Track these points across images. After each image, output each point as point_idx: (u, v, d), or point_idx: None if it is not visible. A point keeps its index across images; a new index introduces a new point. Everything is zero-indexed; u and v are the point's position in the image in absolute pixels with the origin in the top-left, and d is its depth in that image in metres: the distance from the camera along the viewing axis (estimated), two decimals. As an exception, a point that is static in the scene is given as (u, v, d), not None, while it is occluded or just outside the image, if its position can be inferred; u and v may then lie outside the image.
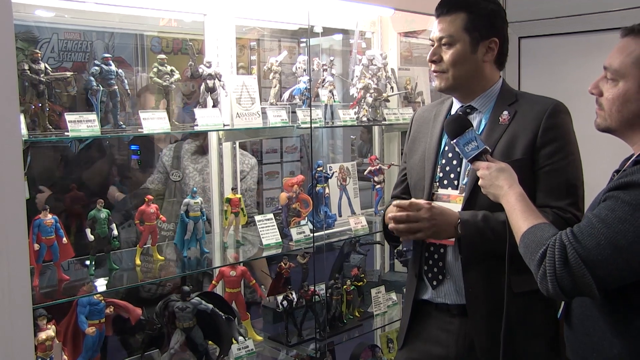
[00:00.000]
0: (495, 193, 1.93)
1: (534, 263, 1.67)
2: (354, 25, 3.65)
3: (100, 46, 5.76)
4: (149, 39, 5.85)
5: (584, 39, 3.86)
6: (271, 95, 3.03)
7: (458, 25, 2.18)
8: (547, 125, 2.10)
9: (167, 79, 2.62)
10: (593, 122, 1.88)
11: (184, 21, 3.41)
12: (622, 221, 1.56)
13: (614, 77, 1.74)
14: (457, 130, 2.01)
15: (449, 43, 2.19)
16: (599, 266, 1.56)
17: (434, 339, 2.28)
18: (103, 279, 2.44)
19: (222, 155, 3.08)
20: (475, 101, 2.26)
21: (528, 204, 1.84)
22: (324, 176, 3.17)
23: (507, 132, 2.14)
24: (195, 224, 2.69)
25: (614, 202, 1.61)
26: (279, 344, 3.04)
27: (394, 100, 3.60)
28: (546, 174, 2.08)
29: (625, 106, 1.72)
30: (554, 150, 2.09)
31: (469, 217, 2.09)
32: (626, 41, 1.75)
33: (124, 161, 4.65)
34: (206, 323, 2.58)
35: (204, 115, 2.67)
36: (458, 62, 2.19)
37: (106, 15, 3.08)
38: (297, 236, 2.95)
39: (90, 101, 2.38)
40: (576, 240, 1.59)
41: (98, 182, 3.93)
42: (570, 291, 1.60)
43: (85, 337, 2.40)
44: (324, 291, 3.14)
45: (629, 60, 1.70)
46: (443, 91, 2.30)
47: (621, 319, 1.70)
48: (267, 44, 6.02)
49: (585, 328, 1.81)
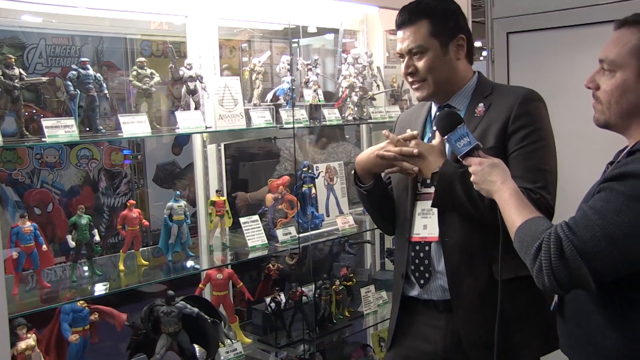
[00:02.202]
0: (488, 189, 1.91)
1: (529, 257, 1.65)
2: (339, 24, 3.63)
3: (89, 51, 5.75)
4: (138, 43, 5.84)
5: (572, 32, 3.85)
6: (254, 96, 3.01)
7: (424, 33, 2.17)
8: (518, 113, 2.10)
9: (147, 82, 2.60)
10: (582, 116, 1.87)
11: (174, 24, 3.38)
12: (617, 212, 1.54)
13: (611, 68, 1.72)
14: (448, 126, 1.98)
15: (420, 52, 2.18)
16: (595, 258, 1.54)
17: (422, 336, 2.28)
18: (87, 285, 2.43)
19: (207, 157, 3.05)
20: (452, 100, 2.26)
21: (522, 198, 1.82)
22: (310, 176, 3.15)
23: (482, 123, 2.15)
24: (179, 227, 2.68)
25: (608, 193, 1.59)
26: (268, 346, 3.02)
27: (380, 98, 3.58)
28: (516, 158, 2.07)
29: (624, 96, 1.70)
30: (523, 135, 2.08)
31: (450, 168, 2.08)
32: (621, 32, 1.73)
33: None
34: (192, 327, 2.56)
35: (185, 117, 2.65)
36: (433, 67, 2.18)
37: (94, 20, 3.05)
38: (283, 237, 2.93)
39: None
40: (572, 232, 1.57)
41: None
42: (567, 284, 1.58)
43: (69, 345, 2.38)
44: (313, 292, 3.13)
45: (625, 50, 1.69)
46: (426, 99, 2.29)
47: (615, 311, 1.68)
48: (258, 45, 6.00)
49: (578, 320, 1.80)
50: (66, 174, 5.73)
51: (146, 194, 6.27)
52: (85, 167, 5.87)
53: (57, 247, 4.73)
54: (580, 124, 3.18)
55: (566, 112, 3.60)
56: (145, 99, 2.62)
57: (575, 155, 3.48)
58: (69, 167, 5.74)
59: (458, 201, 2.06)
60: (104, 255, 2.87)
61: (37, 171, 5.53)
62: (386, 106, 3.55)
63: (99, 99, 2.47)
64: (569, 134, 3.62)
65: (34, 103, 5.17)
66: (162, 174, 6.43)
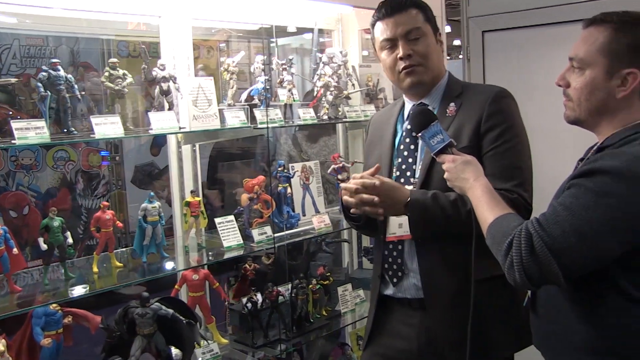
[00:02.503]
0: (461, 186, 1.93)
1: (501, 253, 1.66)
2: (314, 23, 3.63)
3: (65, 51, 5.71)
4: (115, 43, 5.80)
5: (547, 31, 3.88)
6: (229, 96, 3.00)
7: (421, 18, 2.20)
8: (490, 111, 2.11)
9: (119, 83, 2.58)
10: (557, 113, 1.89)
11: (152, 24, 3.35)
12: (586, 208, 1.56)
13: (581, 66, 1.75)
14: (422, 123, 2.00)
15: (418, 35, 2.18)
16: (565, 254, 1.55)
17: (397, 333, 2.29)
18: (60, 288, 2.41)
19: (182, 158, 3.04)
20: (427, 97, 2.26)
21: (494, 195, 1.84)
22: (286, 176, 3.15)
23: (454, 122, 2.16)
24: (153, 228, 2.66)
25: (578, 189, 1.61)
26: (245, 347, 3.01)
27: (356, 97, 3.58)
28: (491, 157, 2.09)
29: (593, 94, 1.73)
30: (497, 134, 2.10)
31: (419, 195, 2.08)
32: (589, 31, 1.76)
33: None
34: (167, 328, 2.55)
35: (159, 118, 2.63)
36: (430, 52, 2.20)
37: (70, 20, 3.02)
38: (259, 237, 2.92)
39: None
40: (542, 229, 1.58)
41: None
42: (538, 280, 1.59)
43: (42, 349, 2.36)
44: (289, 291, 3.12)
45: (594, 48, 1.72)
46: (420, 84, 2.24)
47: (585, 307, 1.70)
48: (235, 45, 5.99)
49: (550, 315, 1.82)
50: (42, 176, 5.69)
51: (124, 195, 6.25)
52: (62, 169, 5.83)
53: (33, 250, 4.70)
54: (555, 121, 3.18)
55: (541, 110, 3.64)
56: (118, 100, 2.60)
57: (548, 152, 3.51)
58: (46, 169, 5.71)
59: (435, 224, 2.05)
60: (82, 257, 2.86)
61: (13, 173, 5.49)
62: (362, 105, 3.55)
63: (70, 100, 2.45)
64: (543, 131, 3.65)
65: (8, 105, 5.13)
66: (140, 175, 6.40)
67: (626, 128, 1.71)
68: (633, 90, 1.69)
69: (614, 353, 1.66)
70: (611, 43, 1.70)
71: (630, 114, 1.72)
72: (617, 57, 1.69)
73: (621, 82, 1.70)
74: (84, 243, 5.51)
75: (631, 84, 1.68)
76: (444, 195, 2.05)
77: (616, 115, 1.73)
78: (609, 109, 1.73)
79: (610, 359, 1.66)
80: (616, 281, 1.63)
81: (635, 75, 1.68)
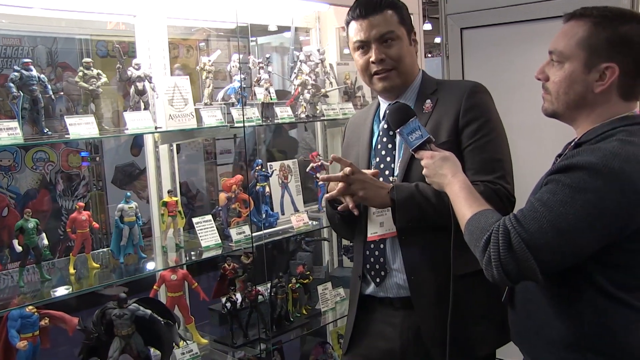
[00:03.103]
0: (440, 182, 1.93)
1: (478, 249, 1.67)
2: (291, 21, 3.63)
3: (43, 52, 5.66)
4: (93, 43, 5.77)
5: (525, 28, 3.91)
6: (205, 95, 2.99)
7: (395, 21, 2.18)
8: (467, 106, 2.12)
9: (93, 83, 2.56)
10: (536, 109, 1.89)
11: (130, 24, 3.32)
12: (563, 204, 1.56)
13: (560, 60, 1.75)
14: (400, 120, 1.99)
15: (391, 39, 2.17)
16: (542, 250, 1.56)
17: (379, 334, 2.27)
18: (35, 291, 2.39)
19: (159, 158, 3.03)
20: (402, 97, 2.26)
21: (472, 191, 1.84)
22: (264, 175, 3.14)
23: (431, 118, 2.16)
24: (130, 229, 2.64)
25: (555, 185, 1.61)
26: (225, 346, 3.01)
27: (334, 95, 3.58)
28: (471, 152, 2.10)
29: (572, 87, 1.73)
30: (475, 128, 2.11)
31: (403, 184, 2.10)
32: (569, 25, 1.76)
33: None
34: (146, 329, 2.54)
35: (134, 118, 2.62)
36: (403, 56, 2.19)
37: (47, 20, 3.00)
38: (237, 237, 2.91)
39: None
40: (519, 225, 1.58)
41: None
42: (515, 276, 1.59)
43: (18, 352, 2.34)
44: (269, 291, 3.12)
45: (573, 42, 1.72)
46: (392, 90, 2.24)
47: (562, 302, 1.71)
48: (215, 44, 5.98)
49: (527, 311, 1.83)
50: (21, 177, 5.65)
51: (105, 196, 6.21)
52: (41, 170, 5.79)
53: (12, 252, 4.65)
54: (534, 117, 3.21)
55: (519, 105, 3.66)
56: (94, 100, 2.59)
57: (527, 148, 3.53)
58: (25, 170, 5.66)
59: (420, 211, 2.05)
60: (62, 258, 2.83)
61: (-9, 175, 5.45)
62: (340, 103, 3.55)
63: (48, 101, 2.43)
64: (522, 127, 3.68)
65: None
66: (121, 175, 6.37)
67: (603, 124, 1.71)
68: (611, 85, 1.69)
69: (591, 348, 1.66)
70: (590, 37, 1.70)
71: (608, 108, 1.72)
72: (596, 51, 1.69)
73: (599, 77, 1.69)
74: (64, 244, 5.48)
75: (609, 78, 1.68)
76: (427, 186, 2.05)
77: (594, 110, 1.74)
78: (587, 103, 1.74)
79: (587, 354, 1.67)
80: (593, 277, 1.64)
81: (613, 69, 1.68)
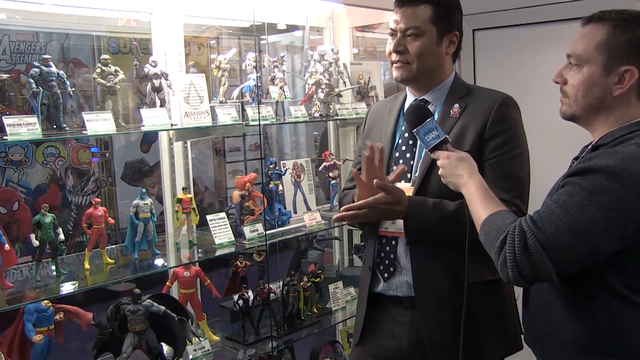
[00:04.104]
0: (455, 182, 1.93)
1: (494, 250, 1.67)
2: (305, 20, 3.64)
3: (55, 47, 5.68)
4: (105, 40, 5.78)
5: (537, 30, 3.89)
6: (220, 93, 3.00)
7: (426, 18, 2.15)
8: (495, 118, 2.10)
9: (111, 80, 2.58)
10: (548, 111, 1.89)
11: (142, 21, 3.34)
12: (579, 206, 1.57)
13: (578, 63, 1.75)
14: (417, 120, 2.00)
15: (416, 34, 2.15)
16: (558, 251, 1.56)
17: (388, 332, 2.28)
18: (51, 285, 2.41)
19: (174, 155, 3.04)
20: (429, 94, 2.25)
21: (488, 192, 1.85)
22: (277, 173, 3.15)
23: (458, 124, 2.15)
24: (145, 225, 2.66)
25: (572, 187, 1.62)
26: (236, 344, 3.02)
27: (347, 95, 3.59)
28: (492, 165, 2.08)
29: (591, 90, 1.73)
30: (500, 142, 2.09)
31: (419, 205, 2.09)
32: (588, 29, 1.76)
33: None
34: (159, 325, 2.55)
35: (150, 115, 2.64)
36: (424, 54, 2.16)
37: (60, 17, 3.02)
38: (250, 234, 2.92)
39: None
40: (535, 226, 1.59)
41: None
42: (530, 277, 1.60)
43: (33, 345, 2.36)
44: (281, 289, 3.13)
45: (592, 45, 1.72)
46: (403, 81, 2.25)
47: (575, 304, 1.71)
48: (226, 42, 5.99)
49: (541, 313, 1.83)
50: (32, 172, 5.66)
51: (114, 192, 6.23)
52: (52, 165, 5.80)
53: (23, 246, 4.68)
54: (546, 120, 3.22)
55: (532, 108, 3.62)
56: (110, 97, 2.60)
57: (540, 151, 3.51)
58: (36, 165, 5.68)
59: (432, 234, 2.07)
60: (72, 254, 2.85)
61: (2, 169, 5.47)
62: (353, 103, 3.56)
63: (62, 97, 2.45)
64: (535, 130, 3.63)
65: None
66: (130, 172, 6.39)
67: (621, 127, 1.71)
68: (630, 88, 1.69)
69: (604, 351, 1.67)
70: (609, 40, 1.70)
71: (627, 112, 1.72)
72: (615, 54, 1.69)
73: (618, 80, 1.70)
74: (73, 239, 5.50)
75: (628, 81, 1.69)
76: (442, 205, 2.06)
77: (612, 113, 1.74)
78: (606, 105, 1.74)
79: (601, 357, 1.67)
80: (607, 280, 1.64)
81: (632, 72, 1.68)
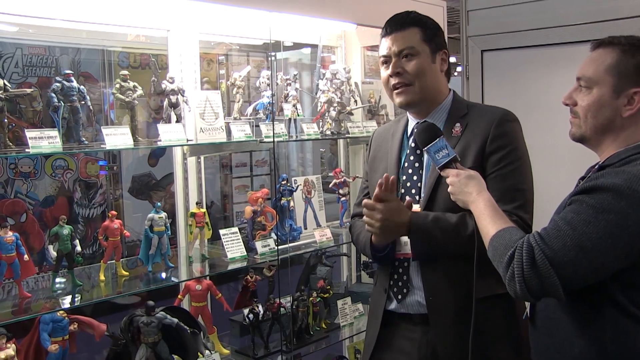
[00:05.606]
0: (465, 199, 1.97)
1: (502, 265, 1.71)
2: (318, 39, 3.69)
3: (66, 61, 5.74)
4: (115, 54, 5.84)
5: (545, 52, 3.95)
6: (234, 110, 3.05)
7: (417, 38, 2.22)
8: (496, 134, 2.15)
9: (129, 95, 2.63)
10: (554, 131, 1.94)
11: (152, 36, 3.40)
12: (586, 224, 1.61)
13: (588, 85, 1.81)
14: (428, 138, 2.04)
15: (411, 54, 2.21)
16: (565, 267, 1.60)
17: (399, 348, 2.30)
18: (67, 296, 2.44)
19: (187, 170, 3.08)
20: (430, 116, 2.29)
21: (496, 209, 1.89)
22: (289, 189, 3.19)
23: (460, 143, 2.19)
24: (159, 238, 2.70)
25: (579, 205, 1.66)
26: (246, 357, 3.04)
27: (358, 113, 3.64)
28: (494, 179, 2.12)
29: (600, 111, 1.78)
30: (501, 156, 2.13)
31: (420, 218, 2.13)
32: (598, 53, 1.82)
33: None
34: (171, 337, 2.58)
35: (167, 130, 2.68)
36: (422, 72, 2.21)
37: (72, 31, 3.07)
38: (262, 249, 2.96)
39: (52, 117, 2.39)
40: (543, 242, 1.63)
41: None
42: (538, 292, 1.64)
43: (48, 354, 2.38)
44: (290, 303, 3.16)
45: (602, 68, 1.78)
46: (407, 106, 2.29)
47: (582, 320, 1.74)
48: (236, 59, 6.05)
49: (548, 329, 1.85)
50: (41, 184, 5.70)
51: (121, 205, 6.26)
52: (60, 177, 5.84)
53: (33, 257, 4.70)
54: (553, 140, 3.27)
55: (539, 129, 3.69)
56: (128, 112, 2.65)
57: (546, 170, 3.57)
58: (44, 177, 5.72)
59: (435, 247, 2.10)
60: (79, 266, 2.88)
61: (11, 181, 5.51)
62: (363, 121, 3.61)
63: (81, 111, 2.50)
64: (542, 150, 3.71)
65: (9, 113, 5.14)
66: (137, 185, 6.42)
67: (627, 148, 1.76)
68: (639, 109, 1.75)
69: None
70: (619, 63, 1.76)
71: (635, 133, 1.78)
72: (625, 76, 1.75)
73: (627, 101, 1.75)
74: (82, 252, 5.52)
75: (637, 102, 1.74)
76: (445, 219, 2.10)
77: (620, 134, 1.79)
78: (615, 127, 1.79)
79: (608, 373, 1.70)
80: (614, 296, 1.67)
81: None
